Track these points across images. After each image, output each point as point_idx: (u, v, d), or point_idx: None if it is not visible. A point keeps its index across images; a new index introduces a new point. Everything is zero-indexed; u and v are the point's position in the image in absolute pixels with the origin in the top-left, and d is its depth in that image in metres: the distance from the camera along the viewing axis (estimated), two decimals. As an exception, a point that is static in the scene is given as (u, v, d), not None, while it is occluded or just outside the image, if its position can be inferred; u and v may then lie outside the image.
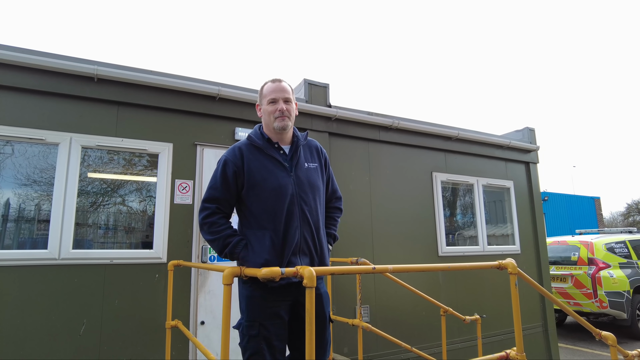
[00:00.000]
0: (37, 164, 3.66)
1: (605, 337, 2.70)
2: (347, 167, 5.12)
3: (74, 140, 3.74)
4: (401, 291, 4.55)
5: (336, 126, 5.09)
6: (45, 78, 3.68)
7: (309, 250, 2.15)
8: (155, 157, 4.09)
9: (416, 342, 4.69)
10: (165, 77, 4.12)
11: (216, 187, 2.15)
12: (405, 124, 5.51)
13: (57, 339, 3.42)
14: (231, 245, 2.08)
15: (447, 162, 6.04)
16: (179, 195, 4.08)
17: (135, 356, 3.65)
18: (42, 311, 3.41)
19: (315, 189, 2.23)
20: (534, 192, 6.90)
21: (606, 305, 7.63)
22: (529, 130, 7.07)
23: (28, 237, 3.62)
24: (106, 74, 3.83)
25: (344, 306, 4.61)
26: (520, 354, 2.18)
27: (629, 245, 8.70)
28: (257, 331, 2.00)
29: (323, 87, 5.12)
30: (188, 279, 4.01)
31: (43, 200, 3.66)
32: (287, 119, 2.20)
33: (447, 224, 5.92)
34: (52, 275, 3.49)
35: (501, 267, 2.25)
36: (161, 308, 3.77)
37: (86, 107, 3.87)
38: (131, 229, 4.05)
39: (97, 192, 3.94)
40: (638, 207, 36.50)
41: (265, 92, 2.27)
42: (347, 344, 4.48)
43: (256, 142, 2.20)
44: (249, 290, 2.06)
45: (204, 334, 3.96)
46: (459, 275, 5.73)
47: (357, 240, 4.96)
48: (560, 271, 8.34)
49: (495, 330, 5.78)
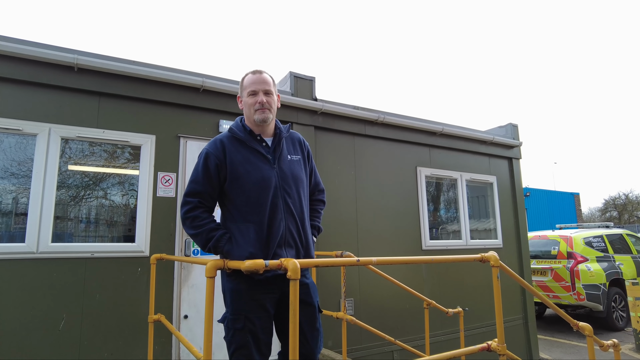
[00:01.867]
0: (14, 156, 3.56)
1: (582, 328, 2.77)
2: (333, 161, 5.11)
3: (53, 131, 3.65)
4: (385, 284, 4.59)
5: (322, 120, 5.07)
6: (22, 66, 3.57)
7: (295, 242, 2.14)
8: (137, 149, 4.02)
9: (400, 335, 4.74)
10: (148, 68, 4.04)
11: (198, 180, 2.10)
12: (391, 119, 5.53)
13: (36, 335, 3.35)
14: (215, 239, 2.05)
15: (431, 157, 6.09)
16: (161, 188, 4.02)
17: (117, 351, 3.60)
18: (20, 306, 3.33)
19: (299, 181, 2.22)
20: (516, 187, 7.01)
21: (583, 298, 7.84)
22: (512, 126, 7.17)
23: (5, 231, 3.52)
24: (87, 63, 3.73)
25: (329, 299, 4.63)
26: (501, 344, 2.21)
27: (605, 240, 8.94)
28: (242, 324, 1.98)
29: (309, 80, 5.10)
30: (171, 272, 3.97)
31: (21, 194, 3.56)
32: (267, 111, 2.17)
33: (430, 219, 5.98)
34: (30, 269, 3.41)
35: (483, 260, 2.28)
36: (143, 302, 3.72)
37: (66, 98, 3.77)
38: (113, 223, 3.98)
39: (78, 185, 3.85)
40: (615, 203, 37.54)
41: (246, 83, 2.24)
42: (331, 337, 4.50)
43: (238, 135, 2.17)
44: (234, 284, 2.03)
45: (187, 327, 3.93)
46: (442, 269, 5.80)
47: (341, 234, 4.98)
48: (540, 265, 8.53)
49: (477, 322, 5.88)
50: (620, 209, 37.03)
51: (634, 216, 36.33)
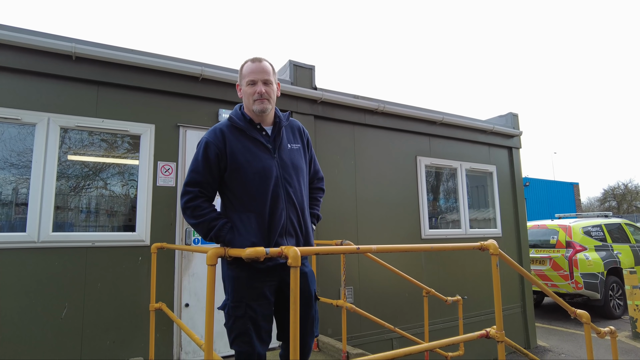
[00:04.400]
0: (14, 147, 3.55)
1: (580, 315, 2.79)
2: (333, 151, 5.11)
3: (52, 121, 3.63)
4: (385, 273, 4.62)
5: (322, 109, 5.05)
6: (19, 55, 3.54)
7: (295, 231, 2.15)
8: (137, 138, 4.01)
9: (399, 323, 4.79)
10: (147, 57, 4.01)
11: (198, 170, 2.08)
12: (391, 108, 5.51)
13: (38, 323, 3.38)
14: (216, 228, 2.04)
15: (431, 146, 6.08)
16: (161, 177, 4.02)
17: (119, 339, 3.64)
18: (23, 294, 3.35)
19: (299, 170, 2.21)
20: (516, 176, 7.02)
21: (581, 286, 7.89)
22: (512, 115, 7.15)
23: (5, 221, 3.53)
24: (85, 52, 3.70)
25: (329, 288, 4.66)
26: (500, 331, 2.23)
27: (604, 229, 8.98)
28: (243, 312, 1.99)
29: (309, 69, 5.07)
30: (172, 261, 3.99)
31: (21, 184, 3.56)
32: (266, 101, 2.14)
33: (430, 208, 5.99)
34: (31, 258, 3.42)
35: (483, 248, 2.29)
36: (144, 291, 3.75)
37: (65, 87, 3.75)
38: (113, 213, 3.99)
39: (77, 175, 3.85)
40: (614, 193, 37.59)
41: (245, 72, 2.20)
42: (331, 325, 4.54)
43: (238, 124, 2.14)
44: (235, 272, 2.04)
45: (188, 316, 3.96)
46: (441, 258, 5.83)
47: (341, 223, 4.99)
48: (539, 254, 8.57)
49: (475, 311, 5.93)
50: (619, 198, 37.09)
51: (632, 206, 36.41)
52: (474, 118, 6.65)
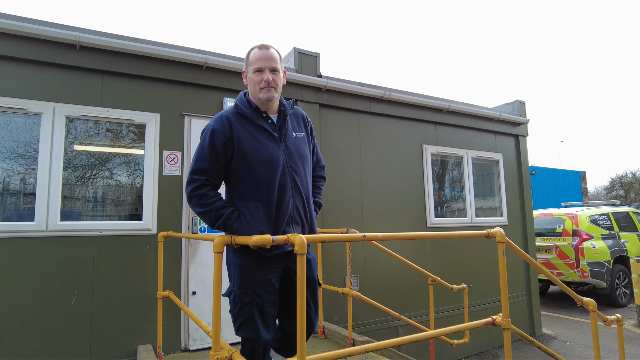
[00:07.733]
0: (20, 137, 3.57)
1: (586, 303, 2.79)
2: (338, 139, 5.08)
3: (57, 110, 3.64)
4: (390, 261, 4.63)
5: (326, 97, 5.02)
6: (24, 45, 3.54)
7: (301, 219, 2.15)
8: (142, 128, 4.01)
9: (404, 310, 4.80)
10: (151, 45, 3.99)
11: (204, 158, 2.06)
12: (397, 96, 5.46)
13: (48, 310, 3.42)
14: (224, 217, 2.03)
15: (437, 134, 6.03)
16: (167, 166, 4.03)
17: (127, 326, 3.69)
18: (32, 282, 3.40)
19: (305, 158, 2.21)
20: (522, 164, 6.96)
21: (587, 275, 7.88)
22: (519, 103, 7.07)
23: (14, 210, 3.56)
24: (89, 41, 3.69)
25: (334, 275, 4.68)
26: (506, 319, 2.23)
27: (611, 218, 8.92)
28: (249, 298, 2.00)
29: (313, 57, 5.02)
30: (178, 250, 4.02)
31: (29, 174, 3.59)
32: (273, 90, 2.11)
33: (435, 197, 5.97)
34: (40, 247, 3.46)
35: (489, 236, 2.28)
36: (152, 279, 3.79)
37: (69, 76, 3.74)
38: (120, 202, 4.01)
39: (84, 165, 3.87)
40: (621, 181, 37.25)
41: (252, 59, 2.16)
42: (337, 313, 4.57)
43: (244, 111, 2.12)
44: (242, 259, 2.04)
45: (195, 304, 4.00)
46: (447, 246, 5.83)
47: (347, 211, 4.99)
48: (545, 242, 8.54)
49: (480, 299, 5.95)
50: (627, 187, 36.72)
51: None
52: (480, 106, 6.58)
